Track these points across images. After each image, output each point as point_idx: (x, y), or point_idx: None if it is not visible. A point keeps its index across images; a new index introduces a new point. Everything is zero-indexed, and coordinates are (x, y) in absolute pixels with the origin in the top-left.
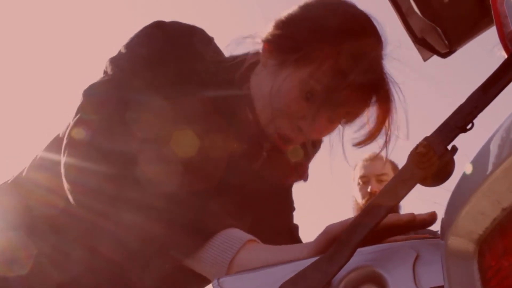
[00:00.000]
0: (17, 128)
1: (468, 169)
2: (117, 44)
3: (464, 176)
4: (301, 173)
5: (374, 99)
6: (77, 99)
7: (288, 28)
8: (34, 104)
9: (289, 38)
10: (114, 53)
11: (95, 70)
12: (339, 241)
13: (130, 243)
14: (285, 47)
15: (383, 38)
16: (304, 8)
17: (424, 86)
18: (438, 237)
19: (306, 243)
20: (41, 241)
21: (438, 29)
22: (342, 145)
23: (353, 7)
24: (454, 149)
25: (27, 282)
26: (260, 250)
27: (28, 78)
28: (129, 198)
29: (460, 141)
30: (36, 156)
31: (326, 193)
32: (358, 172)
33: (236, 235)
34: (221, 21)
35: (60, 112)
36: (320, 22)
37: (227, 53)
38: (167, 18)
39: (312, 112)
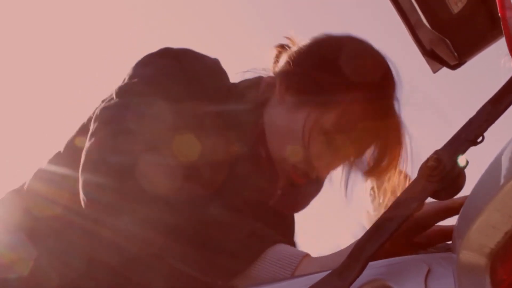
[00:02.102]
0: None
1: (479, 182)
2: (116, 47)
3: (475, 190)
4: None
5: (385, 139)
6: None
7: (308, 67)
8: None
9: (310, 79)
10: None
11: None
12: (350, 255)
13: (128, 250)
14: (307, 87)
15: (398, 82)
16: (321, 46)
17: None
18: (450, 251)
19: None
20: (41, 244)
21: (447, 41)
22: (346, 182)
23: (371, 48)
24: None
25: (27, 284)
26: (318, 263)
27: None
28: (128, 207)
29: (470, 154)
30: (39, 168)
31: (338, 205)
32: (370, 183)
33: (290, 251)
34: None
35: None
36: (343, 66)
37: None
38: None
39: (330, 154)
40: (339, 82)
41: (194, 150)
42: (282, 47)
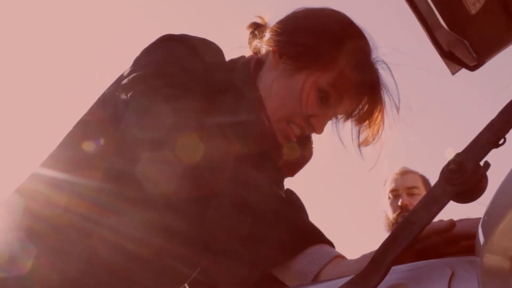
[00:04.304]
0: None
1: (502, 185)
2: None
3: (498, 193)
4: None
5: (368, 96)
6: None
7: (300, 36)
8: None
9: (304, 46)
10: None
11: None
12: (373, 260)
13: (128, 250)
14: (301, 54)
15: (372, 44)
16: (308, 17)
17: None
18: (473, 254)
19: None
20: (41, 243)
21: (466, 42)
22: (338, 134)
23: (348, 17)
24: (487, 165)
25: (26, 283)
26: (347, 265)
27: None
28: (128, 209)
29: (492, 156)
30: (38, 169)
31: (357, 210)
32: (389, 186)
33: (326, 250)
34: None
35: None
36: (332, 33)
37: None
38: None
39: (325, 112)
40: (331, 47)
41: (198, 150)
42: (256, 25)
